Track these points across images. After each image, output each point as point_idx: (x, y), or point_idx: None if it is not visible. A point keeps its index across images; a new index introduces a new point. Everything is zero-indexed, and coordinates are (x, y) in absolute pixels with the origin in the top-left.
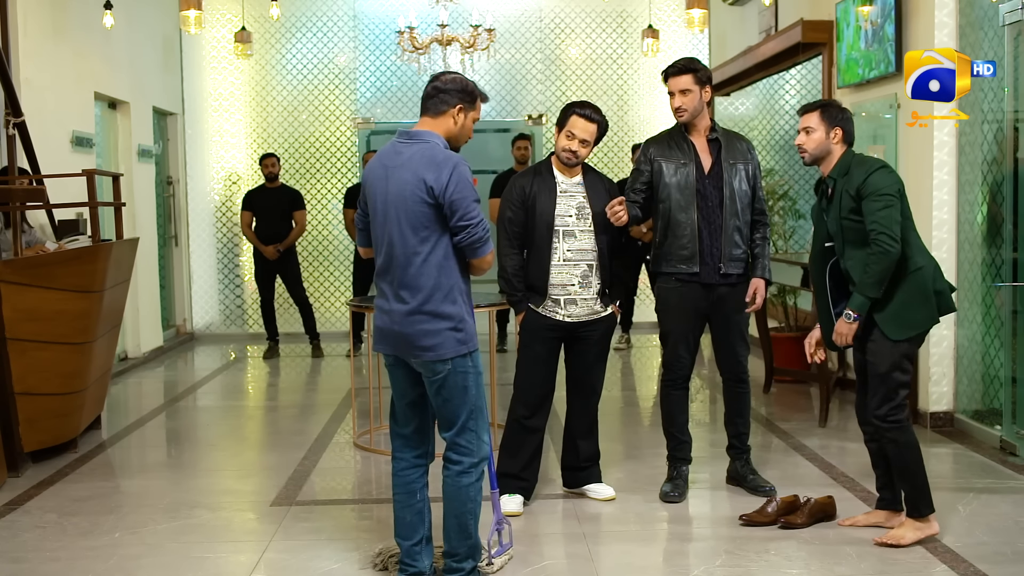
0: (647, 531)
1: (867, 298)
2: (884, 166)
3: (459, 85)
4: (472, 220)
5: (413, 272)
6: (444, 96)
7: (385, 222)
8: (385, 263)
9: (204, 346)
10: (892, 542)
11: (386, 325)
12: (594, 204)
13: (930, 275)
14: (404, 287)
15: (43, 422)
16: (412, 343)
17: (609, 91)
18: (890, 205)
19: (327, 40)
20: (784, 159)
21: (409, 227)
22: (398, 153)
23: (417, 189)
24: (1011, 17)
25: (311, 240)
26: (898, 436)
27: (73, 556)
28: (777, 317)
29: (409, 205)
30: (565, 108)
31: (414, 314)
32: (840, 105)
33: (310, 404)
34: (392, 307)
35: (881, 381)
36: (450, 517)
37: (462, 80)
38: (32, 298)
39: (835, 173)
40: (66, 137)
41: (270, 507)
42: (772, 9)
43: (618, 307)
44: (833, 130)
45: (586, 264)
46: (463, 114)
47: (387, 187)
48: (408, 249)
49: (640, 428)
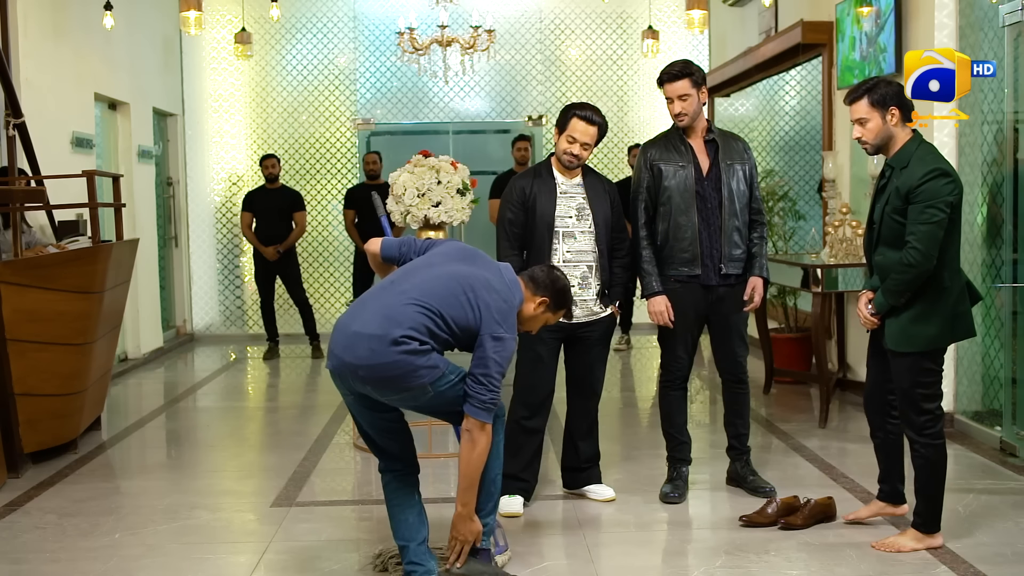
0: (647, 532)
1: (887, 302)
2: (943, 172)
3: (559, 287)
4: (490, 381)
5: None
6: (543, 284)
7: (435, 267)
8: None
9: (204, 347)
10: (891, 550)
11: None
12: (594, 205)
13: (954, 297)
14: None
15: (43, 423)
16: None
17: (609, 92)
18: (935, 220)
19: (327, 41)
20: (784, 160)
21: (447, 298)
22: (494, 273)
23: (477, 307)
24: (1011, 18)
25: (311, 241)
26: (930, 454)
27: (73, 557)
28: (777, 318)
29: (460, 296)
30: (565, 110)
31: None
32: (887, 80)
33: (310, 405)
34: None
35: (904, 396)
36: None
37: (564, 284)
38: (32, 299)
39: (894, 162)
40: (66, 138)
41: (270, 508)
42: (772, 10)
43: (617, 308)
44: (888, 112)
45: (585, 265)
46: (543, 308)
47: (460, 267)
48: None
49: (639, 429)
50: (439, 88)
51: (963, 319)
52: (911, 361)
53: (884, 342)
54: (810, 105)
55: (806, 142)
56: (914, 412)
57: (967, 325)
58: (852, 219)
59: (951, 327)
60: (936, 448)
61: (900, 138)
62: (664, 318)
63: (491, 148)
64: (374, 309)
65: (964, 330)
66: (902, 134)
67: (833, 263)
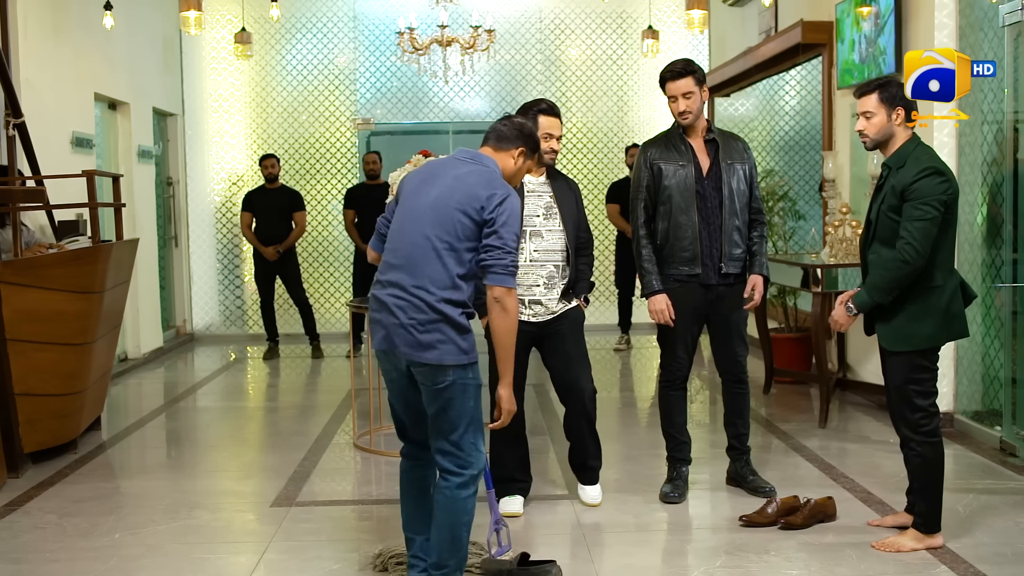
0: (647, 532)
1: (872, 300)
2: (937, 171)
3: (527, 131)
4: (505, 244)
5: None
6: (512, 135)
7: (416, 222)
8: (399, 262)
9: (204, 347)
10: (892, 550)
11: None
12: (561, 204)
13: (947, 295)
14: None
15: (43, 423)
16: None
17: (609, 92)
18: (928, 217)
19: (327, 41)
20: (784, 160)
21: (442, 231)
22: (454, 166)
23: (468, 200)
24: (1011, 18)
25: (311, 241)
26: (927, 452)
27: (73, 557)
28: (777, 318)
29: (452, 213)
30: (526, 111)
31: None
32: (900, 81)
33: (310, 405)
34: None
35: (898, 394)
36: (443, 528)
37: (530, 128)
38: (32, 299)
39: (891, 161)
40: (66, 138)
41: (270, 508)
42: (772, 10)
43: (584, 301)
44: (895, 111)
45: (552, 265)
46: (523, 158)
47: (431, 191)
48: (431, 245)
49: (639, 429)
50: (439, 88)
51: (958, 318)
52: (905, 359)
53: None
54: (810, 105)
55: (806, 142)
56: (908, 410)
57: (961, 324)
58: (852, 219)
59: (946, 326)
60: (933, 446)
61: (900, 138)
62: (664, 316)
63: None
64: (399, 280)
65: (958, 329)
66: (902, 134)
67: (833, 263)
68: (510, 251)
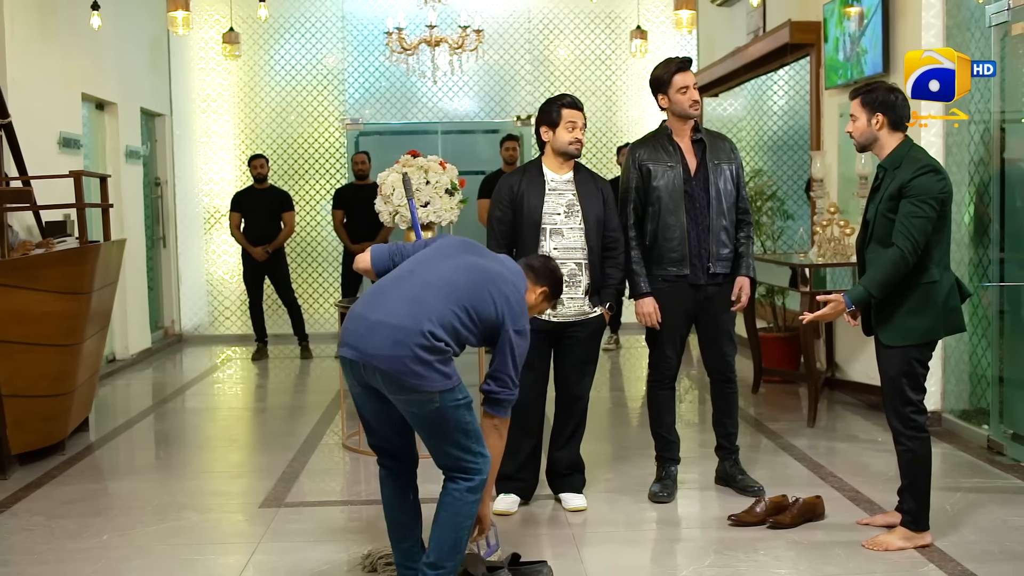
0: (636, 531)
1: (868, 294)
2: (933, 169)
3: (558, 277)
4: (512, 379)
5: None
6: (544, 274)
7: (451, 270)
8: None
9: (192, 348)
10: (880, 548)
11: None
12: (584, 202)
13: (944, 291)
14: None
15: (31, 424)
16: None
17: (597, 92)
18: (924, 215)
19: (315, 41)
20: (772, 160)
21: (472, 295)
22: (503, 263)
23: (505, 303)
24: (998, 18)
25: (300, 241)
26: (916, 447)
27: (61, 559)
28: (766, 317)
29: (486, 292)
30: (550, 105)
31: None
32: (886, 87)
33: (299, 406)
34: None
35: (891, 385)
36: (447, 529)
37: (561, 275)
38: (19, 300)
39: (887, 163)
40: (53, 138)
41: (259, 509)
42: (760, 10)
43: (608, 309)
44: (874, 116)
45: (573, 263)
46: (543, 298)
47: (475, 259)
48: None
49: (628, 429)
50: (428, 88)
51: (955, 313)
52: (902, 352)
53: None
54: (798, 105)
55: (794, 142)
56: (900, 402)
57: (958, 319)
58: (840, 219)
59: (943, 320)
60: (922, 441)
61: (886, 142)
62: (652, 320)
63: (480, 148)
64: (398, 298)
65: (955, 324)
66: (889, 139)
67: (821, 263)
68: (514, 386)
